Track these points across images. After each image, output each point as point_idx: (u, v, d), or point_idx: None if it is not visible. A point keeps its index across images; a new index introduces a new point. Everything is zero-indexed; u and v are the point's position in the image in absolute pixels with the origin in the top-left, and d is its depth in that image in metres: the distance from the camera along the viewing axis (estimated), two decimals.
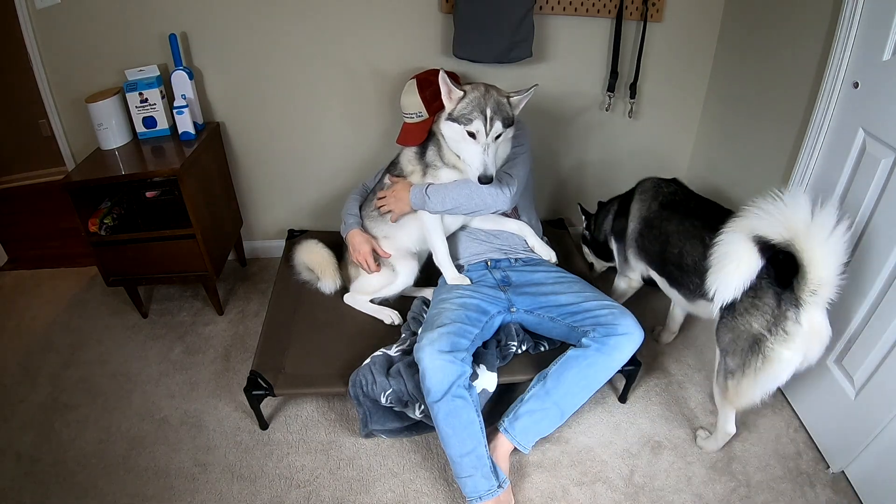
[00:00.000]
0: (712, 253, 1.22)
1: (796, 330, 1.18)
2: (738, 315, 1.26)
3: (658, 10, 1.96)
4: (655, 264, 1.60)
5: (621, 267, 1.81)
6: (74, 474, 1.49)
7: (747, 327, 1.25)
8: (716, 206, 1.55)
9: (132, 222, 1.86)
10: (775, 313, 1.20)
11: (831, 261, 1.11)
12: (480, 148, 1.41)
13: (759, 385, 1.27)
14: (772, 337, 1.21)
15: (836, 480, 1.48)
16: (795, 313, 1.18)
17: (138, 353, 1.89)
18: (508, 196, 1.53)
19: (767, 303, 1.21)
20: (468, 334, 1.44)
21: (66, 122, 1.98)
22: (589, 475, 1.50)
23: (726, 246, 1.19)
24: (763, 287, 1.21)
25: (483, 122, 1.39)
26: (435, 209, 1.56)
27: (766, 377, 1.25)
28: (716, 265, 1.21)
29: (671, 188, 1.64)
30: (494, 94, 1.43)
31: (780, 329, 1.20)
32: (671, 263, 1.51)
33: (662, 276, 1.59)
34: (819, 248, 1.10)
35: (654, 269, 1.62)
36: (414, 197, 1.57)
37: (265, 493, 1.45)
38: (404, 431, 1.56)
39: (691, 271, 1.41)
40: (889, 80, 1.29)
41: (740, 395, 1.32)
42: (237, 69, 1.94)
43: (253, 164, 2.17)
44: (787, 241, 1.12)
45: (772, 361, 1.22)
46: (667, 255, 1.51)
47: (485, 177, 1.40)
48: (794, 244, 1.12)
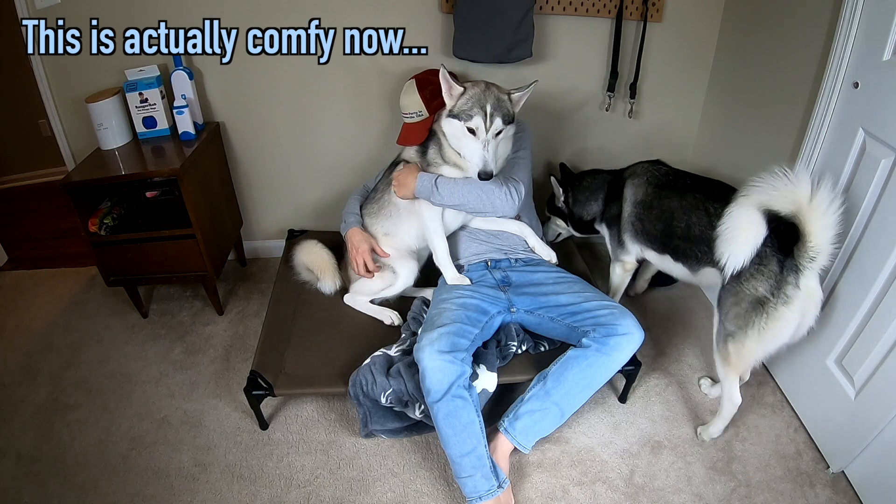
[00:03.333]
0: (723, 223, 1.31)
1: (796, 293, 1.31)
2: (744, 280, 1.36)
3: (658, 11, 1.96)
4: (657, 243, 1.66)
5: (615, 252, 1.84)
6: (74, 474, 1.49)
7: (753, 291, 1.35)
8: (709, 180, 1.64)
9: (132, 222, 1.85)
10: (778, 278, 1.32)
11: (828, 231, 1.24)
12: (480, 144, 1.41)
13: (762, 344, 1.37)
14: (775, 299, 1.32)
15: (836, 480, 1.48)
16: (795, 278, 1.30)
17: (138, 353, 1.89)
18: (516, 202, 1.53)
19: (772, 269, 1.32)
20: (468, 334, 1.44)
21: (66, 122, 1.97)
22: (589, 475, 1.50)
23: (737, 218, 1.29)
24: (768, 255, 1.33)
25: (483, 119, 1.39)
26: (440, 201, 1.53)
27: (770, 335, 1.36)
28: (728, 236, 1.30)
29: (662, 169, 1.71)
30: (495, 91, 1.43)
31: (782, 292, 1.32)
32: (678, 237, 1.58)
33: (665, 252, 1.64)
34: (819, 220, 1.23)
35: (654, 248, 1.68)
36: (421, 184, 1.54)
37: (265, 493, 1.45)
38: (404, 431, 1.56)
39: (699, 241, 1.49)
40: (889, 80, 1.29)
41: (743, 357, 1.41)
42: (237, 69, 1.94)
43: (253, 164, 2.17)
44: (791, 213, 1.25)
45: (775, 320, 1.33)
46: (673, 230, 1.59)
47: (484, 173, 1.40)
48: (798, 216, 1.24)
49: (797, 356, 1.61)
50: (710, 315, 2.06)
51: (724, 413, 1.53)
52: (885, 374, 1.33)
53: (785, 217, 1.26)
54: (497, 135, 1.42)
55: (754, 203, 1.27)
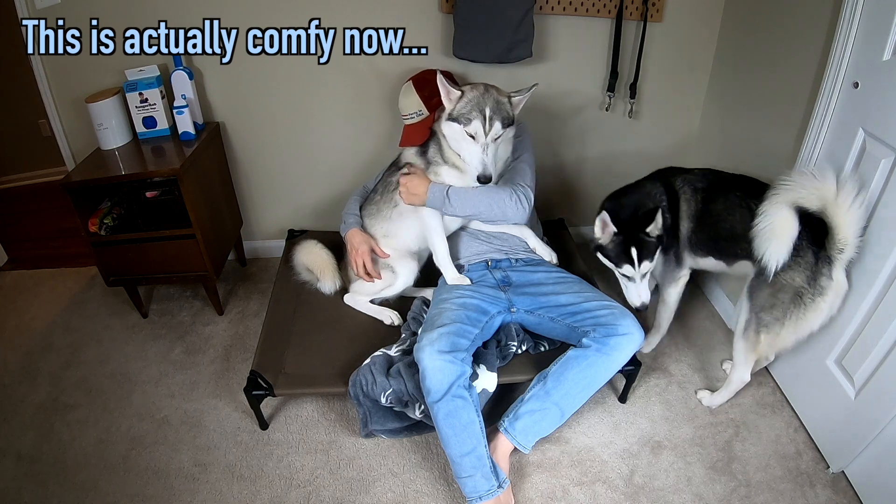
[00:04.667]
0: (759, 222, 1.35)
1: (829, 284, 1.37)
2: (782, 272, 1.38)
3: (658, 10, 1.96)
4: (706, 248, 1.63)
5: (672, 273, 1.71)
6: (74, 474, 1.49)
7: (790, 282, 1.39)
8: (743, 177, 1.61)
9: (132, 222, 1.85)
10: (814, 269, 1.37)
11: (854, 225, 1.30)
12: (479, 148, 1.41)
13: (795, 334, 1.43)
14: (811, 289, 1.38)
15: (836, 480, 1.48)
16: (829, 269, 1.36)
17: (138, 353, 1.89)
18: (527, 209, 1.54)
19: (808, 260, 1.37)
20: (468, 334, 1.44)
21: (66, 122, 1.97)
22: (589, 475, 1.50)
23: (774, 216, 1.33)
24: (804, 247, 1.37)
25: (482, 123, 1.39)
26: (451, 212, 1.53)
27: (804, 325, 1.41)
28: (767, 235, 1.34)
29: (698, 173, 1.65)
30: (494, 94, 1.42)
31: (817, 283, 1.37)
32: (723, 238, 1.56)
33: (710, 254, 1.62)
34: (845, 215, 1.29)
35: (703, 253, 1.64)
36: (432, 196, 1.53)
37: (265, 493, 1.45)
38: (404, 431, 1.56)
39: (741, 238, 1.49)
40: (889, 80, 1.29)
41: (774, 346, 1.49)
42: (237, 69, 1.94)
43: (253, 164, 2.17)
44: (820, 209, 1.31)
45: (811, 311, 1.39)
46: (720, 232, 1.57)
47: (483, 176, 1.40)
48: (825, 211, 1.30)
49: (797, 356, 1.62)
50: (711, 315, 2.07)
51: (731, 387, 1.62)
52: (885, 374, 1.33)
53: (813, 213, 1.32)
54: (496, 139, 1.41)
55: (786, 201, 1.32)
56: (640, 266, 1.54)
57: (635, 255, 1.53)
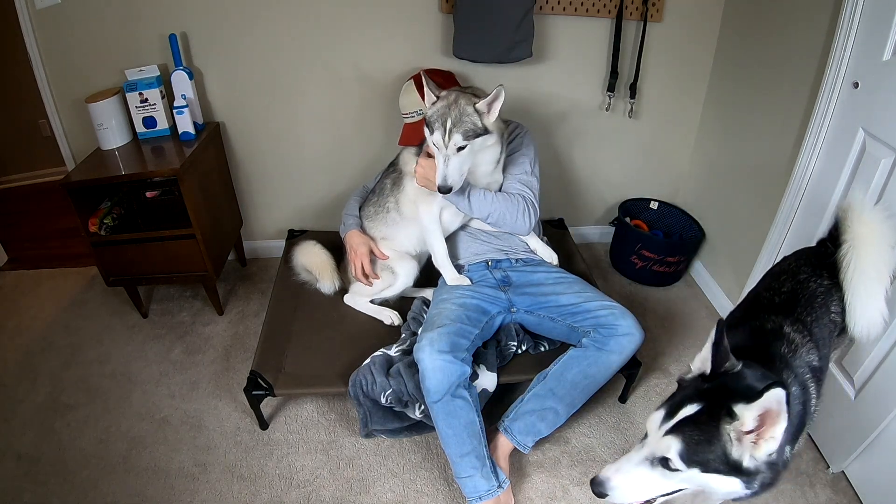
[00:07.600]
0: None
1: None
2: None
3: (658, 10, 1.96)
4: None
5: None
6: (74, 474, 1.49)
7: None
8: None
9: (132, 222, 1.85)
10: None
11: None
12: (441, 158, 1.37)
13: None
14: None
15: (836, 480, 1.48)
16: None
17: (138, 353, 1.89)
18: (531, 227, 1.57)
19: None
20: (468, 334, 1.44)
21: (66, 122, 1.97)
22: (589, 475, 1.50)
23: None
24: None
25: (442, 135, 1.34)
26: (465, 210, 1.51)
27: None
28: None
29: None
30: (462, 104, 1.35)
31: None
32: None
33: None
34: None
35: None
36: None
37: (265, 493, 1.45)
38: (404, 431, 1.56)
39: None
40: (889, 80, 1.30)
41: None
42: (237, 69, 1.94)
43: (253, 164, 2.17)
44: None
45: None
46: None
47: (443, 186, 1.36)
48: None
49: None
50: (711, 315, 2.07)
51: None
52: (885, 374, 1.33)
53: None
54: (459, 149, 1.35)
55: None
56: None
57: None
